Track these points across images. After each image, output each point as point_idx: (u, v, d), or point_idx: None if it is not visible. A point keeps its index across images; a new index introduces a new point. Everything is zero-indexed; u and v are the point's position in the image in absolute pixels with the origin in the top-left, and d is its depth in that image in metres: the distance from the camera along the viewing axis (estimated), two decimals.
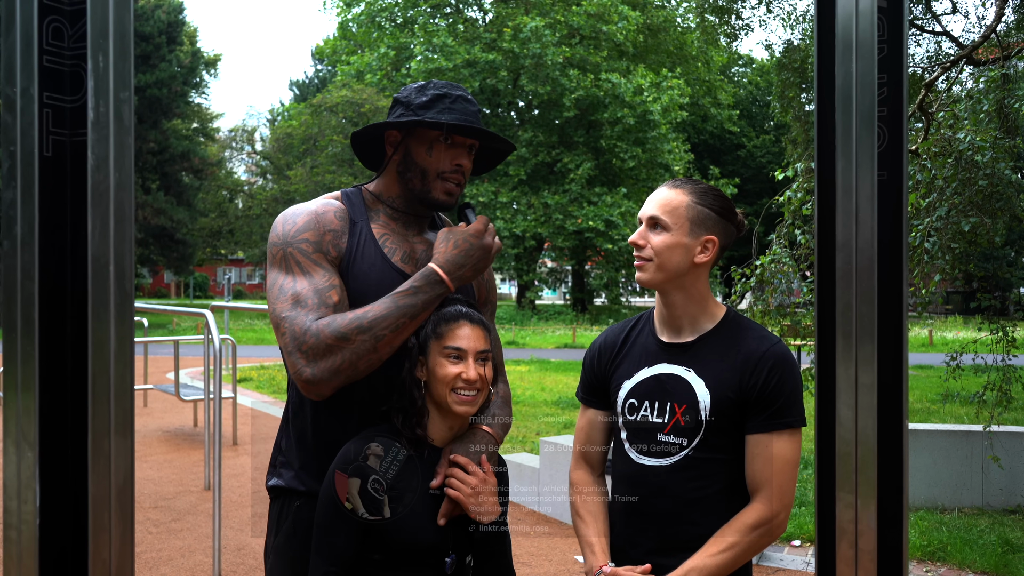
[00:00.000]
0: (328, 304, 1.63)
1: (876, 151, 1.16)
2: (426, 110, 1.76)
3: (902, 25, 1.19)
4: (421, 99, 1.78)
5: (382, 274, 1.73)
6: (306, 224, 1.72)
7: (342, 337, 1.58)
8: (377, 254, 1.75)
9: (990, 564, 4.47)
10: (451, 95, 1.78)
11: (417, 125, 1.76)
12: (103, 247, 0.92)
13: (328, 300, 1.64)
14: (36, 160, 0.90)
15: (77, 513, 0.92)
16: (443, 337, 1.68)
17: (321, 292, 1.65)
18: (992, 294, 5.94)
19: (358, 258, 1.73)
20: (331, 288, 1.66)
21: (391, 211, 1.84)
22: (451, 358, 1.66)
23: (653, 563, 1.71)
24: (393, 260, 1.76)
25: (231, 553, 4.70)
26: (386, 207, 1.84)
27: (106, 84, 0.92)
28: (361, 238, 1.76)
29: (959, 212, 5.08)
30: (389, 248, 1.78)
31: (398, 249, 1.79)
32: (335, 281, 1.68)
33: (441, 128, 1.76)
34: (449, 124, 1.74)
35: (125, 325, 0.93)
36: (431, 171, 1.78)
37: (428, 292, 1.66)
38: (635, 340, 1.89)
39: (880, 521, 1.16)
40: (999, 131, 5.29)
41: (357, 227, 1.77)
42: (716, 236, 1.79)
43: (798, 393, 1.77)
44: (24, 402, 0.89)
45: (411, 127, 1.77)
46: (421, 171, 1.79)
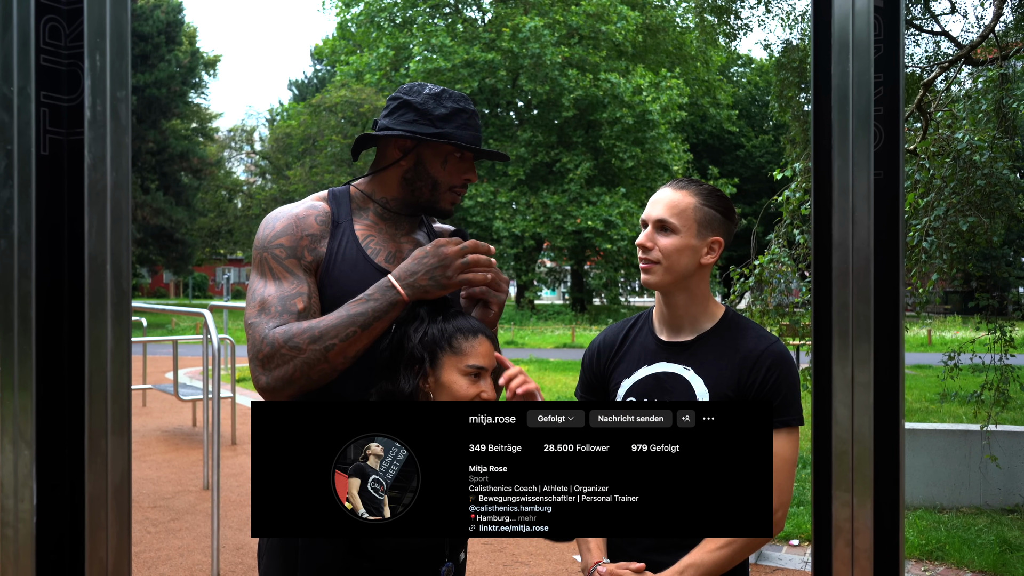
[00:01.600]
0: (291, 311, 1.63)
1: (872, 150, 1.17)
2: (446, 123, 1.75)
3: (898, 24, 1.20)
4: (440, 111, 1.76)
5: (363, 275, 1.72)
6: (284, 229, 1.72)
7: (294, 347, 1.57)
8: (359, 255, 1.74)
9: (988, 563, 4.48)
10: (467, 110, 1.78)
11: (452, 144, 1.76)
12: (100, 246, 0.92)
13: (291, 307, 1.63)
14: (33, 159, 0.91)
15: (74, 512, 0.92)
16: (462, 353, 1.62)
17: (286, 299, 1.64)
18: (990, 294, 5.95)
19: (339, 260, 1.72)
20: (297, 296, 1.65)
21: (382, 210, 1.83)
22: (470, 376, 1.61)
23: (650, 560, 1.71)
24: (376, 260, 1.75)
25: (229, 552, 4.70)
26: (377, 206, 1.83)
27: (103, 83, 0.93)
28: (343, 240, 1.75)
29: (957, 212, 5.09)
30: (372, 249, 1.77)
31: (382, 250, 1.78)
32: (303, 288, 1.67)
33: (468, 151, 1.78)
34: (476, 149, 1.78)
35: (122, 324, 0.94)
36: (443, 184, 1.79)
37: (379, 300, 1.61)
38: (634, 339, 1.90)
39: (876, 520, 1.17)
40: (997, 131, 5.30)
41: (340, 228, 1.76)
42: (721, 237, 1.81)
43: (796, 392, 1.77)
44: (21, 400, 0.90)
45: (438, 142, 1.77)
46: (433, 182, 1.79)
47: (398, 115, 1.78)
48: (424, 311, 1.65)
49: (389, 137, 1.78)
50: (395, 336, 1.65)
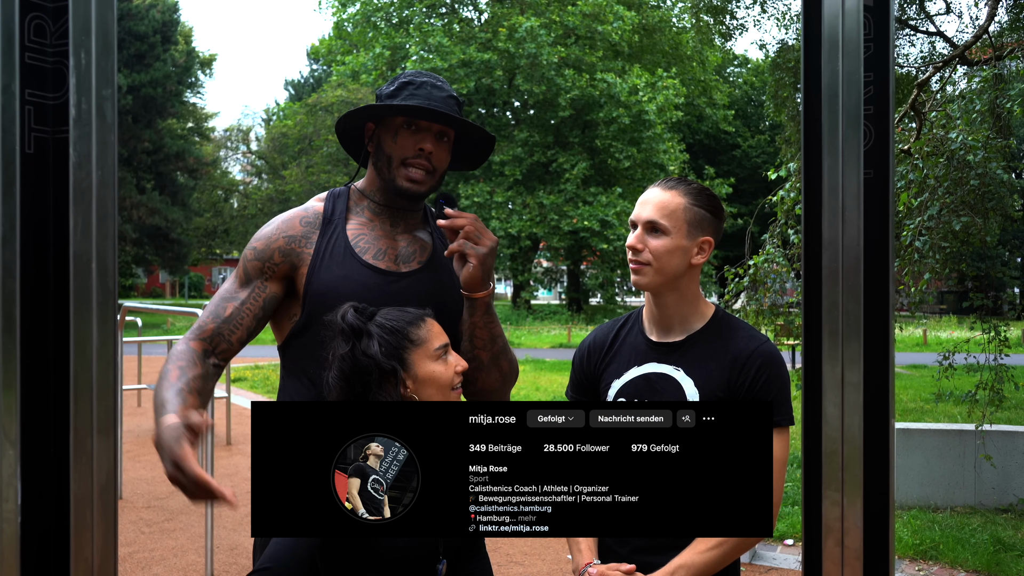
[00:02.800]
0: (219, 316, 1.73)
1: (862, 149, 1.17)
2: (392, 99, 1.76)
3: (888, 23, 1.20)
4: (390, 89, 1.78)
5: (349, 271, 1.74)
6: (267, 232, 1.80)
7: (160, 375, 1.66)
8: (347, 252, 1.76)
9: (982, 563, 4.48)
10: (416, 81, 1.77)
11: (374, 111, 1.75)
12: (86, 244, 0.92)
13: (220, 311, 1.73)
14: (17, 157, 0.90)
15: (59, 512, 0.91)
16: (424, 341, 1.61)
17: (222, 299, 1.75)
18: (985, 294, 5.96)
19: (326, 257, 1.75)
20: (232, 300, 1.74)
21: (375, 206, 1.84)
22: (442, 358, 1.63)
23: (641, 561, 1.71)
24: (364, 257, 1.76)
25: (224, 553, 4.69)
26: (370, 202, 1.84)
27: (88, 81, 0.92)
28: (333, 237, 1.78)
29: (951, 212, 5.10)
30: (361, 247, 1.78)
31: (371, 247, 1.79)
32: (242, 295, 1.74)
33: (400, 113, 1.74)
34: (401, 106, 1.71)
35: (108, 323, 0.93)
36: (396, 158, 1.76)
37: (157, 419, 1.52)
38: (624, 339, 1.89)
39: (866, 519, 1.17)
40: (991, 131, 5.31)
41: (331, 226, 1.79)
42: (711, 236, 1.80)
43: (786, 392, 1.77)
44: (5, 400, 0.89)
45: (377, 115, 1.77)
46: (388, 158, 1.78)
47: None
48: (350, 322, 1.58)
49: (357, 127, 1.83)
50: (345, 365, 1.57)
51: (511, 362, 1.85)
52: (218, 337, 1.71)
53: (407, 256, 1.81)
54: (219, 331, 1.71)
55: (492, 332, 1.78)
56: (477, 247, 1.67)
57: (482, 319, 1.75)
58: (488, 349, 1.78)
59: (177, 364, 1.64)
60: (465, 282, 1.70)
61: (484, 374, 1.79)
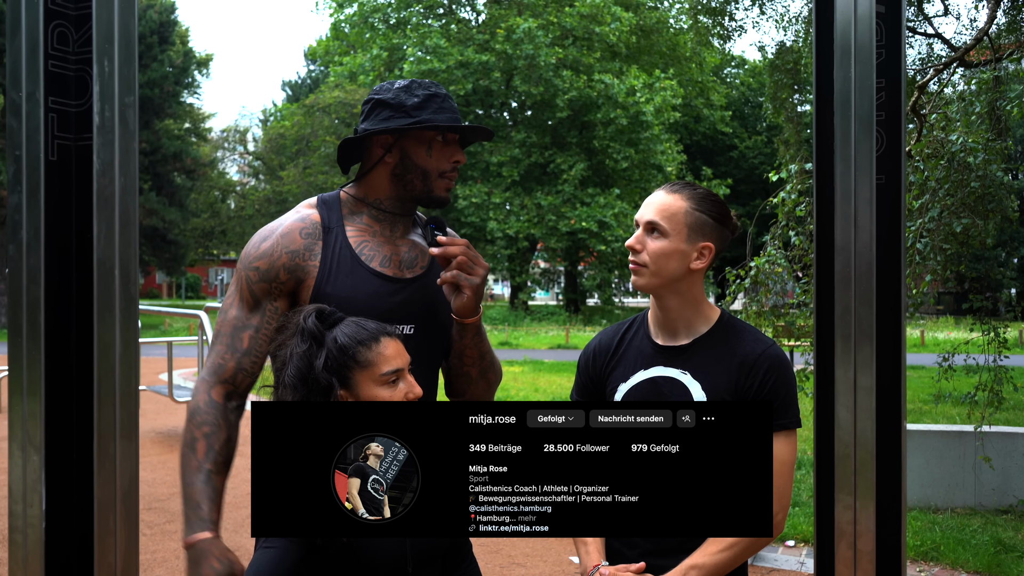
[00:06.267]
0: (237, 349, 1.71)
1: (874, 155, 1.17)
2: (421, 111, 1.76)
3: (900, 30, 1.20)
4: (413, 100, 1.77)
5: (358, 281, 1.73)
6: (265, 250, 1.75)
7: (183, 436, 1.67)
8: (354, 262, 1.75)
9: (983, 564, 4.50)
10: (439, 94, 1.79)
11: (430, 128, 1.76)
12: (108, 251, 0.92)
13: (238, 343, 1.71)
14: (42, 164, 0.91)
15: (83, 517, 0.92)
16: (371, 364, 1.53)
17: (237, 331, 1.72)
18: (983, 295, 5.97)
19: (334, 268, 1.73)
20: (247, 328, 1.72)
21: (376, 212, 1.83)
22: (388, 384, 1.54)
23: (650, 564, 1.71)
24: (371, 265, 1.76)
25: None
26: (371, 209, 1.83)
27: (111, 89, 0.93)
28: (336, 247, 1.76)
29: (951, 213, 5.11)
30: (367, 255, 1.77)
31: (377, 254, 1.78)
32: (255, 321, 1.72)
33: (449, 131, 1.78)
34: (456, 127, 1.77)
35: (130, 328, 0.94)
36: (433, 171, 1.79)
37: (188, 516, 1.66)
38: (630, 343, 1.89)
39: (879, 522, 1.17)
40: (991, 133, 5.33)
41: (332, 235, 1.77)
42: (713, 243, 1.80)
43: (793, 395, 1.78)
44: (30, 406, 0.90)
45: (418, 130, 1.77)
46: (422, 172, 1.79)
47: (375, 115, 1.79)
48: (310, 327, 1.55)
49: (370, 137, 1.80)
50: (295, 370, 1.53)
51: (497, 372, 1.91)
52: (240, 373, 1.71)
53: (410, 261, 1.82)
54: (240, 366, 1.70)
55: (481, 350, 1.83)
56: (471, 277, 1.71)
57: (472, 340, 1.80)
58: (477, 365, 1.84)
59: (202, 431, 1.64)
60: (458, 310, 1.73)
61: (472, 387, 1.87)
